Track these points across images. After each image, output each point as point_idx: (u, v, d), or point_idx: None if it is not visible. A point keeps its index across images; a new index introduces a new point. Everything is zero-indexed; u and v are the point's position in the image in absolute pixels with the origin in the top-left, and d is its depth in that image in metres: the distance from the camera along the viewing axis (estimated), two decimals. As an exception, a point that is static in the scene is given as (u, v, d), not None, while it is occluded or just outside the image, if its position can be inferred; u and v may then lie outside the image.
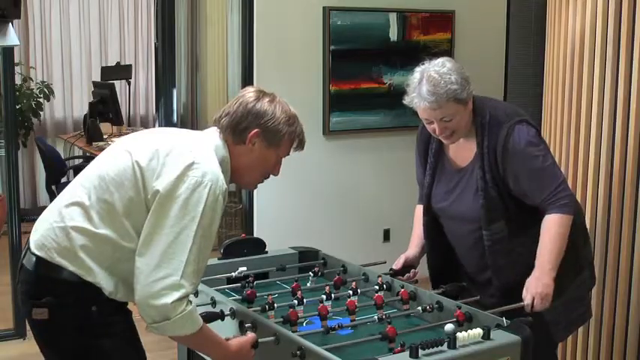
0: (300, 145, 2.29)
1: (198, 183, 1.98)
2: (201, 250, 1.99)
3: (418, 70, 2.53)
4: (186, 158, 2.02)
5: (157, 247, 1.95)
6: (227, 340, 2.12)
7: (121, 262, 2.04)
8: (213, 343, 2.08)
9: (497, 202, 2.53)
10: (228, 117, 2.18)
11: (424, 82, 2.46)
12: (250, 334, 2.14)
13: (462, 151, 2.63)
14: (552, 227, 2.47)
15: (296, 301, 2.34)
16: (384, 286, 2.56)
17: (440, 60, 2.52)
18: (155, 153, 2.05)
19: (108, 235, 2.03)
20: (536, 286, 2.41)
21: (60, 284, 2.03)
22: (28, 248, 2.11)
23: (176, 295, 1.93)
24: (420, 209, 2.82)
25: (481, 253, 2.58)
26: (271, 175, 2.30)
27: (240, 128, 2.16)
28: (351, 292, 2.48)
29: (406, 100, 2.54)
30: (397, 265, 2.77)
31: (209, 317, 2.25)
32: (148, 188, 2.01)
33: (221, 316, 2.30)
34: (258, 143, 2.18)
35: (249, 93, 2.23)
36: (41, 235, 2.09)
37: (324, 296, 2.41)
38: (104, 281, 2.04)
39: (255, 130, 2.16)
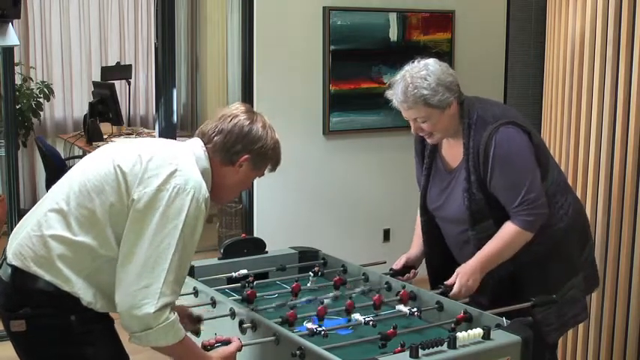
0: (274, 169, 2.30)
1: (181, 190, 1.96)
2: (182, 259, 1.97)
3: (404, 68, 2.56)
4: (169, 165, 2.00)
5: (139, 257, 1.93)
6: (212, 344, 2.11)
7: (100, 272, 2.00)
8: (195, 354, 2.05)
9: (483, 203, 2.53)
10: (221, 135, 2.15)
11: (400, 82, 2.52)
12: (234, 343, 2.11)
13: (454, 152, 2.64)
14: (506, 236, 2.50)
15: (289, 304, 2.36)
16: (367, 290, 2.54)
17: (424, 62, 2.54)
18: (138, 159, 2.03)
19: (86, 243, 1.98)
20: (467, 279, 2.48)
21: (37, 295, 1.99)
22: (5, 259, 2.06)
23: (158, 304, 1.90)
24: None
25: (472, 252, 2.58)
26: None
27: (232, 151, 2.15)
28: (336, 293, 2.49)
29: (387, 95, 2.59)
30: (398, 265, 2.77)
31: None
32: (131, 194, 1.98)
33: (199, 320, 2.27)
34: (245, 166, 2.18)
35: (242, 114, 2.19)
36: (18, 244, 2.04)
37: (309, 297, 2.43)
38: (82, 291, 1.99)
39: (247, 156, 2.16)
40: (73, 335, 2.01)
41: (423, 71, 2.49)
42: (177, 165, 2.01)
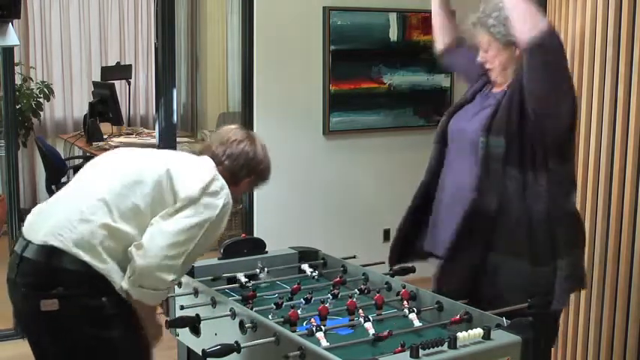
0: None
1: (216, 193, 2.23)
2: (196, 251, 2.21)
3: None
4: (209, 171, 2.30)
5: (175, 226, 2.15)
6: None
7: (127, 256, 2.14)
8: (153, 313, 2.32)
9: (504, 113, 2.49)
10: (230, 160, 2.44)
11: (482, 5, 2.63)
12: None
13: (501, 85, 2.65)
14: None
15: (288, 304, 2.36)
16: (366, 291, 2.53)
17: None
18: (184, 163, 2.32)
19: (126, 231, 2.14)
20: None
21: (71, 274, 2.08)
22: (29, 241, 2.14)
23: (175, 276, 2.17)
24: None
25: (464, 175, 2.56)
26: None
27: (239, 175, 2.46)
28: (331, 295, 2.48)
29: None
30: None
31: (184, 322, 2.30)
32: (176, 192, 2.19)
33: (197, 320, 2.32)
34: (246, 184, 2.51)
35: (246, 139, 2.48)
36: (54, 226, 2.13)
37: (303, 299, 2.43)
38: (116, 276, 2.12)
39: (251, 178, 2.49)
40: (103, 316, 2.12)
41: (501, 3, 2.53)
42: (215, 172, 2.30)
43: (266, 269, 2.77)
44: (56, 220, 2.15)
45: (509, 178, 2.49)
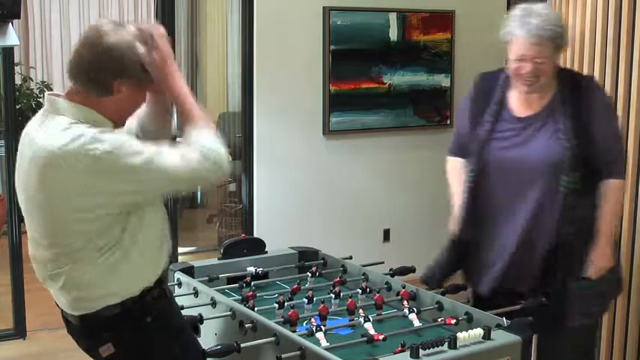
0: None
1: (68, 163, 1.92)
2: (153, 157, 1.96)
3: (521, 6, 2.55)
4: (46, 157, 2.00)
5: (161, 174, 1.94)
6: None
7: (113, 256, 1.99)
8: None
9: (576, 150, 2.49)
10: (78, 71, 2.15)
11: (533, 16, 2.46)
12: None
13: (528, 101, 2.58)
14: (612, 194, 2.55)
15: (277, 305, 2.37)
16: (367, 290, 2.54)
17: (543, 5, 2.60)
18: (39, 173, 2.02)
19: (87, 268, 1.99)
20: (602, 261, 2.55)
21: (108, 320, 2.03)
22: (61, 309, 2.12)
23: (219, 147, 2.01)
24: (454, 162, 2.77)
25: (537, 210, 2.53)
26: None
27: (102, 80, 2.15)
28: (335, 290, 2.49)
29: (502, 32, 2.58)
30: (454, 226, 2.69)
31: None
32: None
33: (199, 319, 2.28)
34: (127, 92, 2.15)
35: (91, 36, 2.21)
36: (58, 300, 2.10)
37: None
38: (125, 291, 2.02)
39: (124, 79, 2.17)
40: (157, 336, 2.06)
41: (547, 10, 2.52)
42: (47, 152, 2.01)
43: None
44: (54, 293, 2.10)
45: (579, 205, 2.53)
